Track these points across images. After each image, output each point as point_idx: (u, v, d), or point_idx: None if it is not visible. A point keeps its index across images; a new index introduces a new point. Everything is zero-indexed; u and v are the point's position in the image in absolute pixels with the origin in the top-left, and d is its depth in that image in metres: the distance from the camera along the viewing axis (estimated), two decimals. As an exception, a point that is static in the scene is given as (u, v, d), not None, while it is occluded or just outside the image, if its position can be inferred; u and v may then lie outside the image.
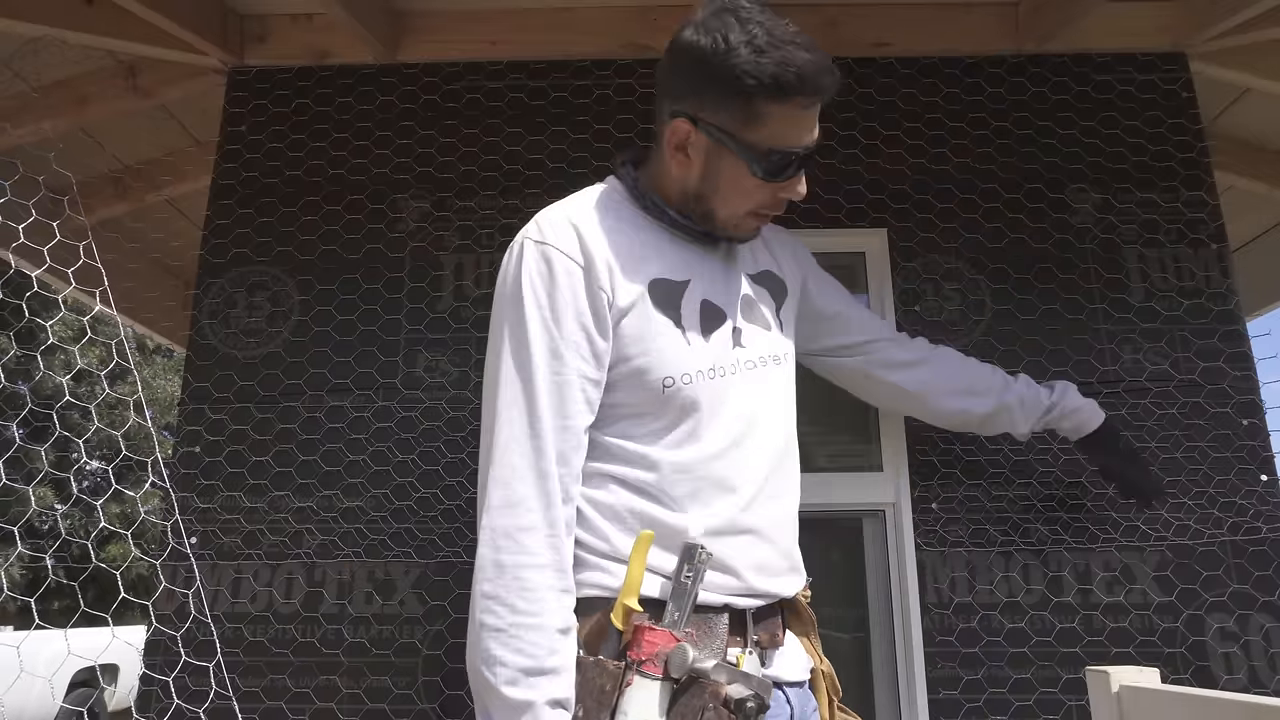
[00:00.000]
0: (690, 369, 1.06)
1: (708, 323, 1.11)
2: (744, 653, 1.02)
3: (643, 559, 0.98)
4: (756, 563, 1.06)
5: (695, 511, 1.04)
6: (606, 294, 1.04)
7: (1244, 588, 1.91)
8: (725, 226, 1.14)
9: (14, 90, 2.44)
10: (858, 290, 2.21)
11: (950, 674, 1.88)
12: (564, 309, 1.03)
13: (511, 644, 0.92)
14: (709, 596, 1.01)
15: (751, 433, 1.10)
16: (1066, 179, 2.19)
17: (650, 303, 1.07)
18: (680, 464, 1.04)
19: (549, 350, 1.01)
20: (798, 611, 1.17)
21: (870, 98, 2.27)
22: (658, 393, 1.05)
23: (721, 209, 1.12)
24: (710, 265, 1.17)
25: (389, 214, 2.18)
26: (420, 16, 2.30)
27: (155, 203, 3.03)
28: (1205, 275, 2.12)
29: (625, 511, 1.03)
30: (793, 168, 1.10)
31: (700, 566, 0.98)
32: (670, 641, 0.94)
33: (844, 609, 2.03)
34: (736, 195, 1.11)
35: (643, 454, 1.05)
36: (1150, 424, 2.01)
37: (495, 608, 0.94)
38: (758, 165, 1.08)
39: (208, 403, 2.06)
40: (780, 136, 1.07)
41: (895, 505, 2.00)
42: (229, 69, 2.31)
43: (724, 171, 1.10)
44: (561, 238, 1.06)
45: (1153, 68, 2.27)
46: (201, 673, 1.85)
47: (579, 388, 1.02)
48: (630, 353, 1.05)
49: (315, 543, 1.96)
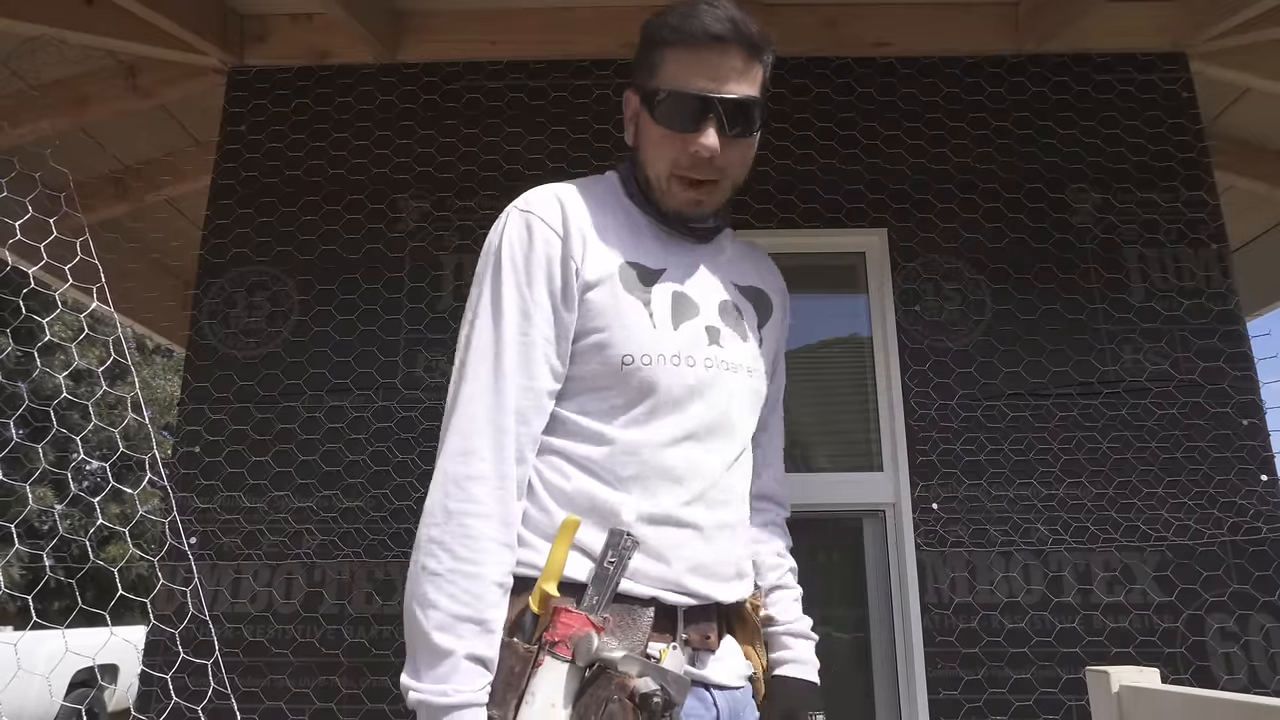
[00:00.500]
0: (652, 351, 1.06)
1: (679, 313, 1.11)
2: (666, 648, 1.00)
3: (566, 544, 0.97)
4: (693, 561, 1.04)
5: (638, 496, 1.03)
6: (576, 264, 1.07)
7: (1244, 588, 1.91)
8: (660, 194, 1.14)
9: (13, 89, 2.44)
10: (858, 290, 2.21)
11: (950, 674, 1.88)
12: (537, 273, 1.06)
13: (446, 589, 0.94)
14: (635, 587, 1.00)
15: (711, 431, 1.09)
16: (1066, 179, 2.19)
17: (620, 282, 1.08)
18: (631, 444, 1.04)
19: (520, 310, 1.05)
20: (744, 619, 1.15)
21: (870, 98, 2.27)
22: (616, 368, 1.05)
23: (649, 169, 1.14)
24: (693, 261, 1.17)
25: (389, 214, 2.18)
26: (420, 16, 2.30)
27: (155, 203, 3.03)
28: (1205, 275, 2.12)
29: (570, 490, 1.03)
30: (688, 114, 1.09)
31: (624, 553, 0.96)
32: (585, 626, 0.93)
33: (844, 609, 2.03)
34: (652, 150, 1.13)
35: (597, 430, 1.05)
36: (1150, 424, 2.01)
37: (438, 552, 0.96)
38: (650, 107, 1.11)
39: (208, 403, 2.05)
40: (671, 78, 1.09)
41: (895, 505, 2.00)
42: (229, 69, 2.31)
43: (643, 129, 1.14)
44: (544, 208, 1.09)
45: (1153, 68, 2.27)
46: (201, 672, 1.84)
47: (543, 350, 1.05)
48: (594, 326, 1.06)
49: (315, 543, 1.96)
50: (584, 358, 1.07)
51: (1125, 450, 2.00)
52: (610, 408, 1.06)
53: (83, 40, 2.20)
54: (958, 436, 2.00)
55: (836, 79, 2.28)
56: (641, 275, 1.11)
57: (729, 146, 1.10)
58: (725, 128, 1.09)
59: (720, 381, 1.11)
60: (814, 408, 2.19)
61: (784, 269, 1.37)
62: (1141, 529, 1.95)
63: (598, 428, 1.05)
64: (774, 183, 2.20)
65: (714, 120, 1.08)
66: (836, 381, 2.21)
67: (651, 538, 1.02)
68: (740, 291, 1.22)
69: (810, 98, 2.27)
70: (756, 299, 1.25)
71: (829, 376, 2.22)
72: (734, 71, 1.09)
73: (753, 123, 1.12)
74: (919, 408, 2.03)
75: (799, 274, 2.29)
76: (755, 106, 1.11)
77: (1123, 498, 1.97)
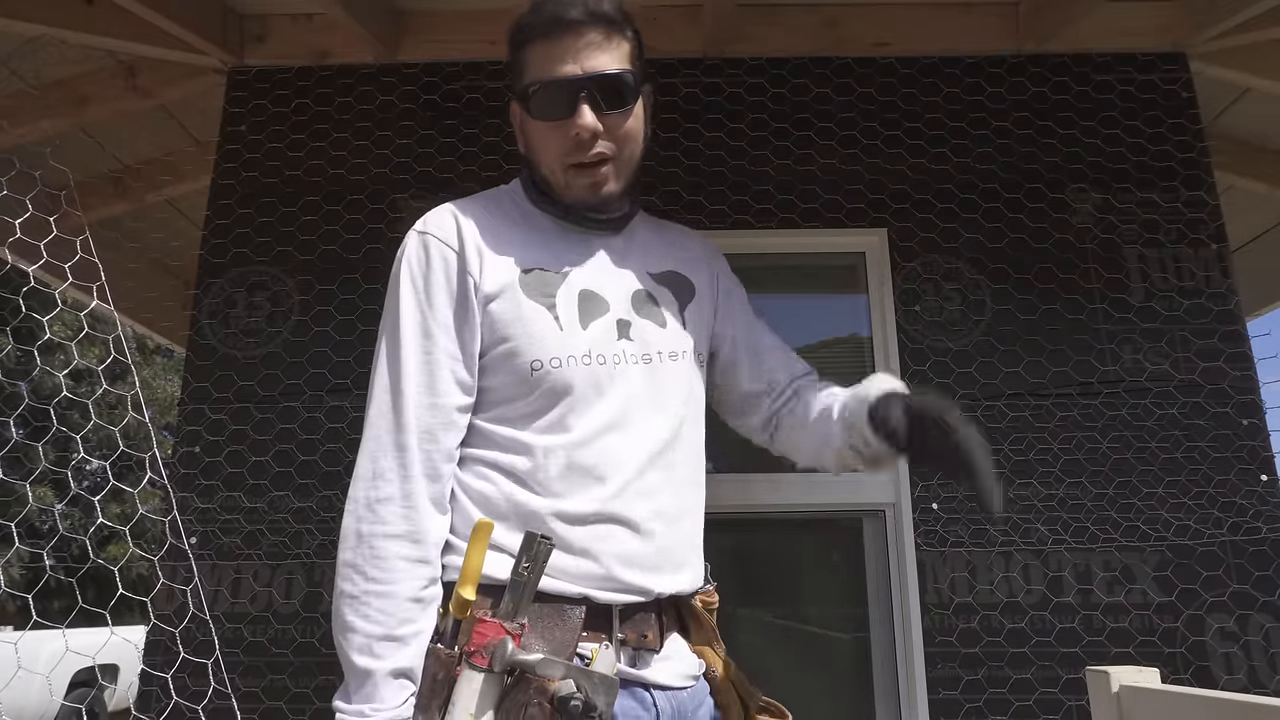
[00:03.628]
0: (561, 354, 1.07)
1: (587, 311, 1.11)
2: (599, 648, 0.99)
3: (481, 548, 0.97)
4: (623, 554, 1.03)
5: (561, 497, 1.03)
6: (474, 278, 1.08)
7: (1244, 588, 1.91)
8: (559, 188, 1.15)
9: (13, 89, 2.44)
10: (858, 290, 2.21)
11: (950, 674, 1.88)
12: (437, 291, 1.08)
13: (361, 610, 0.96)
14: (564, 586, 0.99)
15: (626, 423, 1.08)
16: (1066, 179, 2.19)
17: (520, 289, 1.09)
18: (550, 448, 1.04)
19: (421, 330, 1.07)
20: (697, 618, 1.13)
21: (870, 98, 2.27)
22: (526, 375, 1.06)
23: (542, 167, 1.16)
24: (601, 256, 1.17)
25: (389, 214, 2.18)
26: (420, 16, 2.30)
27: (155, 203, 3.03)
28: (1205, 275, 2.12)
29: (493, 495, 1.04)
30: (560, 100, 1.10)
31: (539, 556, 0.95)
32: (499, 633, 0.93)
33: (844, 609, 2.03)
34: (539, 148, 1.15)
35: (515, 438, 1.06)
36: (1150, 424, 2.01)
37: (352, 575, 0.99)
38: (525, 104, 1.13)
39: (208, 403, 2.05)
40: (537, 70, 1.11)
41: (895, 505, 2.00)
42: (229, 69, 2.31)
43: (526, 131, 1.16)
44: (439, 226, 1.11)
45: (1153, 68, 2.27)
46: (201, 672, 1.84)
47: (448, 367, 1.06)
48: (500, 336, 1.07)
49: (315, 543, 1.96)
50: (494, 369, 1.08)
51: (1125, 450, 2.00)
52: (525, 414, 1.07)
53: (83, 40, 2.20)
54: (958, 436, 2.00)
55: (836, 79, 2.28)
56: (544, 279, 1.11)
57: (610, 122, 1.11)
58: (601, 105, 1.10)
59: (632, 375, 1.11)
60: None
61: (784, 269, 1.37)
62: (1141, 529, 1.95)
63: (516, 435, 1.07)
64: (774, 183, 2.20)
65: (586, 99, 1.09)
66: (836, 381, 2.20)
67: (578, 537, 1.02)
68: (654, 279, 1.22)
69: (810, 98, 2.27)
70: (674, 283, 1.24)
71: (829, 376, 2.21)
72: (594, 48, 1.10)
73: (626, 95, 1.12)
74: (919, 408, 2.03)
75: (799, 274, 2.29)
76: (625, 78, 1.11)
77: (1123, 498, 1.97)
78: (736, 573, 2.05)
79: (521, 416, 1.07)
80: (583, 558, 1.02)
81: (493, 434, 1.08)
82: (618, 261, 1.19)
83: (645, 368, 1.12)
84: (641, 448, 1.09)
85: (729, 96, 2.27)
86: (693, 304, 1.24)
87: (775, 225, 2.17)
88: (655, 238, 1.28)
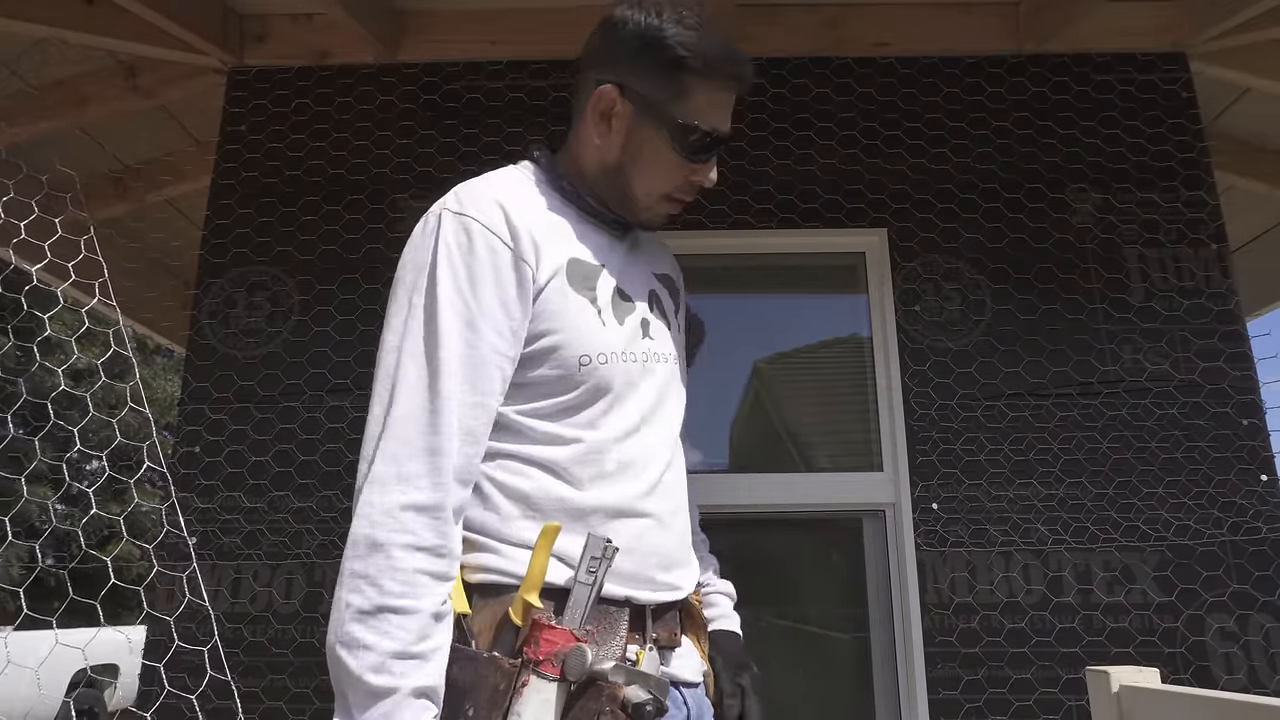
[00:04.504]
0: (606, 349, 1.05)
1: (619, 308, 1.11)
2: (642, 649, 0.98)
3: (547, 551, 0.93)
4: (658, 552, 1.04)
5: (602, 492, 1.02)
6: (530, 268, 1.02)
7: (1244, 588, 1.91)
8: (639, 208, 1.13)
9: (13, 89, 2.44)
10: (858, 290, 2.21)
11: (950, 674, 1.88)
12: (483, 282, 0.99)
13: (378, 627, 0.86)
14: (612, 589, 0.98)
15: (654, 420, 1.10)
16: (1066, 179, 2.19)
17: (567, 280, 1.06)
18: (591, 444, 1.03)
19: (464, 322, 0.97)
20: (691, 613, 1.15)
21: (870, 98, 2.27)
22: (574, 370, 1.03)
23: (639, 185, 1.12)
24: (619, 254, 1.17)
25: (389, 214, 2.18)
26: (420, 16, 2.30)
27: (155, 203, 3.03)
28: (1205, 275, 2.12)
29: (532, 491, 1.00)
30: (709, 149, 1.11)
31: (606, 561, 0.93)
32: (569, 641, 0.89)
33: (844, 609, 2.03)
34: (654, 171, 1.11)
35: (554, 432, 1.02)
36: (1150, 424, 2.01)
37: (363, 587, 0.88)
38: (679, 139, 1.09)
39: (208, 403, 2.05)
40: (702, 113, 1.09)
41: (895, 505, 2.00)
42: (229, 69, 2.31)
43: (645, 144, 1.10)
44: (484, 211, 1.02)
45: (1153, 68, 2.27)
46: (201, 672, 1.84)
47: (495, 364, 0.99)
48: (547, 328, 1.03)
49: (315, 543, 1.96)
50: (537, 360, 1.03)
51: (1125, 450, 2.00)
52: (563, 409, 1.03)
53: (83, 40, 2.20)
54: (958, 436, 2.00)
55: (836, 79, 2.28)
56: (585, 271, 1.09)
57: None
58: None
59: (655, 372, 1.12)
60: (814, 408, 2.19)
61: (784, 269, 1.38)
62: (1141, 529, 1.95)
63: (553, 429, 1.03)
64: (774, 183, 2.20)
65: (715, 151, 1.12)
66: (836, 381, 2.21)
67: (620, 533, 1.01)
68: (659, 280, 1.24)
69: (810, 98, 2.27)
70: (670, 286, 1.26)
71: (829, 376, 2.22)
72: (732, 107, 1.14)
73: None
74: (919, 408, 2.04)
75: (799, 274, 2.29)
76: None
77: (1123, 498, 1.97)
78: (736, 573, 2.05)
79: (561, 410, 1.03)
80: (625, 556, 0.99)
81: (527, 427, 1.02)
82: (633, 261, 1.19)
83: (662, 367, 1.14)
84: (664, 446, 1.11)
85: (729, 96, 2.27)
86: (679, 310, 1.28)
87: (775, 225, 2.17)
88: (649, 241, 1.29)
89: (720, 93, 1.10)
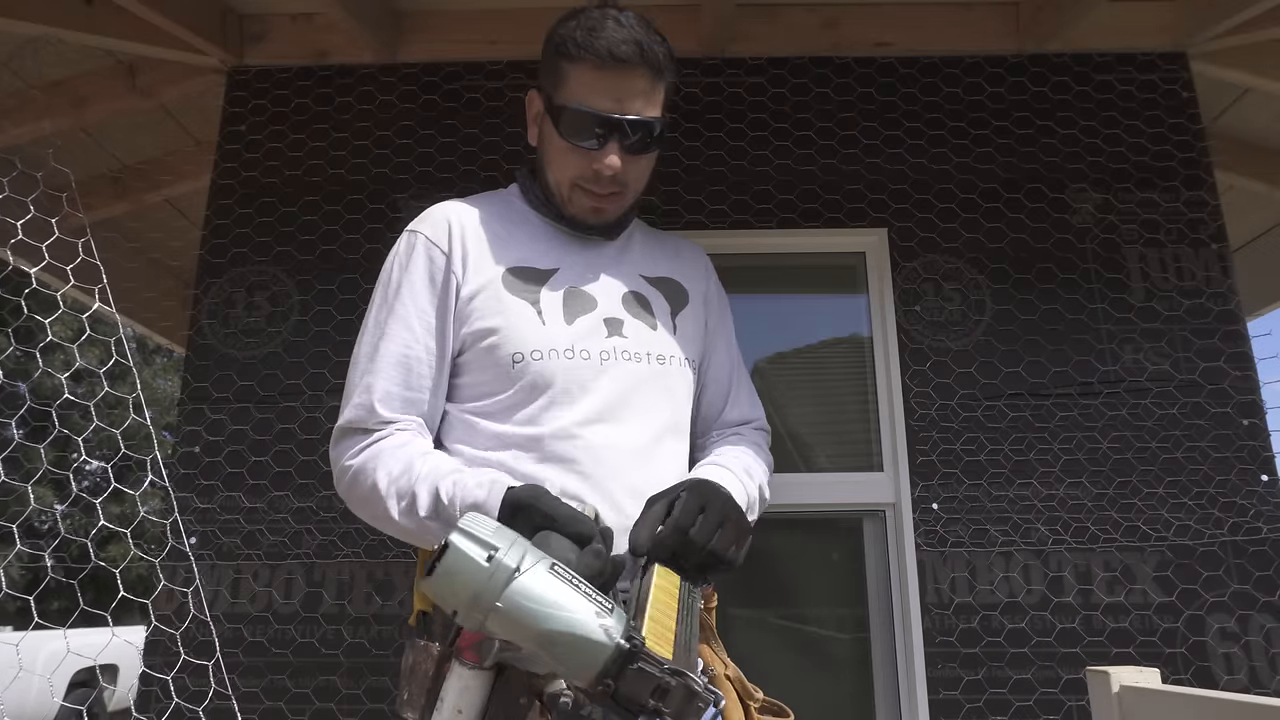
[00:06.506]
0: (543, 346, 1.09)
1: (572, 308, 1.13)
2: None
3: None
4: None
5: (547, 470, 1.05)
6: (457, 278, 1.12)
7: (1244, 588, 1.91)
8: (561, 201, 1.18)
9: (13, 89, 2.44)
10: (858, 290, 2.21)
11: (950, 674, 1.88)
12: (420, 288, 1.13)
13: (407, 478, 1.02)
14: None
15: (610, 419, 1.09)
16: (1067, 179, 2.19)
17: (503, 286, 1.12)
18: (528, 439, 1.06)
19: (403, 323, 1.12)
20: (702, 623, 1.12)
21: (870, 98, 2.27)
22: (507, 368, 1.09)
23: (551, 176, 1.18)
24: (591, 259, 1.19)
25: (389, 214, 2.18)
26: (420, 16, 2.30)
27: (155, 202, 3.02)
28: (1205, 275, 2.12)
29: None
30: (591, 132, 1.11)
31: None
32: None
33: (844, 609, 2.03)
34: (555, 160, 1.16)
35: (495, 431, 1.08)
36: (1150, 424, 2.01)
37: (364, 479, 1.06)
38: (558, 122, 1.12)
39: (208, 403, 2.05)
40: (576, 95, 1.10)
41: (895, 505, 2.00)
42: (229, 69, 2.31)
43: (547, 136, 1.16)
44: (430, 226, 1.16)
45: (1153, 68, 2.27)
46: (201, 673, 1.84)
47: (427, 362, 1.11)
48: (484, 328, 1.10)
49: (315, 543, 1.96)
50: (475, 362, 1.11)
51: (1125, 450, 2.00)
52: (503, 408, 1.09)
53: (83, 40, 2.20)
54: (958, 436, 2.00)
55: (836, 79, 2.28)
56: (530, 277, 1.14)
57: (630, 163, 1.13)
58: (628, 147, 1.12)
59: (619, 371, 1.12)
60: (814, 408, 2.18)
61: (784, 269, 1.38)
62: (1141, 529, 1.95)
63: (496, 428, 1.08)
64: (774, 183, 2.20)
65: (617, 140, 1.10)
66: (836, 381, 2.21)
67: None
68: (649, 282, 1.23)
69: (810, 98, 2.27)
70: (668, 288, 1.25)
71: (829, 376, 2.22)
72: (638, 94, 1.11)
73: (652, 143, 1.15)
74: (919, 408, 2.03)
75: (799, 274, 2.29)
76: (655, 126, 1.13)
77: (1123, 498, 1.97)
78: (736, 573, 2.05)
79: (503, 410, 1.09)
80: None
81: (476, 427, 1.10)
82: (610, 264, 1.21)
83: (635, 366, 1.13)
84: (624, 448, 1.09)
85: (729, 96, 2.27)
86: (686, 310, 1.25)
87: (775, 225, 2.17)
88: (653, 244, 1.29)
89: (591, 72, 1.10)
